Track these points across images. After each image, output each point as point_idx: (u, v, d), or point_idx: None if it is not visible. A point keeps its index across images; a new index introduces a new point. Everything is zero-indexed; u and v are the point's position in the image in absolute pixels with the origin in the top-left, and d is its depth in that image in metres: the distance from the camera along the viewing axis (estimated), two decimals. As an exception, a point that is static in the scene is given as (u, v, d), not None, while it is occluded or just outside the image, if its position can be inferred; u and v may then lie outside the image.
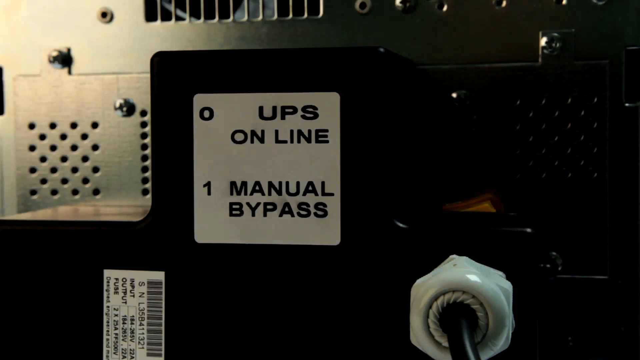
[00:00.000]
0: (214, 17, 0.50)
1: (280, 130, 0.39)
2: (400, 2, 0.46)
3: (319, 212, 0.38)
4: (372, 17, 0.47)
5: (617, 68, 0.43)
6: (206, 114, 0.39)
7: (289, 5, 0.48)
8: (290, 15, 0.48)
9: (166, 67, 0.40)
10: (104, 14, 0.52)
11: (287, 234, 0.39)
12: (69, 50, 0.52)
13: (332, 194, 0.38)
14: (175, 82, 0.40)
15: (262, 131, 0.39)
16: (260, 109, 0.39)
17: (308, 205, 0.38)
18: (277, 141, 0.39)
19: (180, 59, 0.40)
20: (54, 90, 0.52)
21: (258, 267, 0.39)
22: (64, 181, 0.52)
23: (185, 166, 0.40)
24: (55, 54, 0.52)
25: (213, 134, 0.39)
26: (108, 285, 0.41)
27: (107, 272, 0.41)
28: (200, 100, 0.39)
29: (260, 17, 0.49)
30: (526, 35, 0.44)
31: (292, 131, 0.38)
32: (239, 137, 0.39)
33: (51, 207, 0.52)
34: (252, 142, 0.39)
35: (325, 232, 0.38)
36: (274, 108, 0.39)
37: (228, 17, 0.50)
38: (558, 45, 0.43)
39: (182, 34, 0.50)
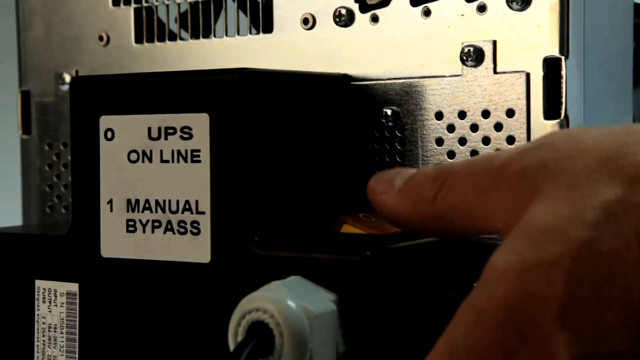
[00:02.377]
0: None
1: (165, 150, 0.38)
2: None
3: (194, 230, 0.38)
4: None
5: (537, 79, 0.41)
6: (109, 134, 0.40)
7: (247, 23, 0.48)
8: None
9: (78, 91, 0.41)
10: (100, 37, 0.54)
11: (169, 250, 0.38)
12: (77, 73, 0.55)
13: (203, 213, 0.38)
14: (86, 105, 0.41)
15: (151, 151, 0.39)
16: (149, 129, 0.39)
17: (185, 223, 0.38)
18: (162, 161, 0.38)
19: (89, 83, 0.41)
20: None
21: (147, 282, 0.39)
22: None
23: (95, 184, 0.41)
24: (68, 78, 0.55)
25: (114, 153, 0.40)
26: (38, 295, 0.43)
27: (37, 282, 0.43)
28: (105, 122, 0.40)
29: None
30: (449, 46, 0.42)
31: (173, 151, 0.39)
32: (133, 156, 0.39)
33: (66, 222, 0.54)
34: (143, 161, 0.39)
35: (198, 249, 0.38)
36: (159, 129, 0.39)
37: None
38: (477, 56, 0.41)
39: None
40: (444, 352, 0.29)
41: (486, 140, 0.42)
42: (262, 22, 0.47)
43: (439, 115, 0.42)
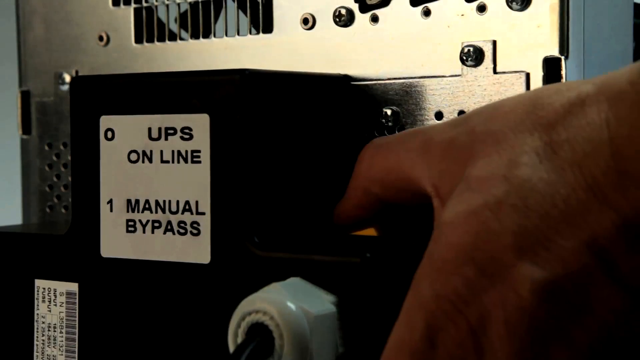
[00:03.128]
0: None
1: (165, 151, 0.38)
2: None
3: (194, 231, 0.38)
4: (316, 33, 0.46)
5: (537, 79, 0.40)
6: (109, 134, 0.40)
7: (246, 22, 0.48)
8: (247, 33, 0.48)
9: (78, 91, 0.41)
10: (100, 37, 0.54)
11: (169, 250, 0.38)
12: (77, 73, 0.55)
13: (203, 213, 0.38)
14: (86, 105, 0.41)
15: (151, 151, 0.39)
16: (149, 130, 0.39)
17: (185, 223, 0.38)
18: (162, 161, 0.38)
19: (89, 83, 0.41)
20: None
21: (147, 282, 0.39)
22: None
23: (95, 184, 0.41)
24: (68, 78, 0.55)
25: (114, 153, 0.40)
26: (38, 294, 0.43)
27: (37, 282, 0.43)
28: (105, 122, 0.40)
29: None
30: (449, 46, 0.42)
31: (173, 151, 0.38)
32: (133, 156, 0.39)
33: (66, 222, 0.54)
34: (143, 162, 0.39)
35: (198, 250, 0.38)
36: (160, 129, 0.39)
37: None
38: (477, 56, 0.41)
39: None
40: (415, 306, 0.30)
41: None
42: (262, 22, 0.47)
43: (439, 115, 0.42)
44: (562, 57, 0.40)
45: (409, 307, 0.31)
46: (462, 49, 0.41)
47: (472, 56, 0.41)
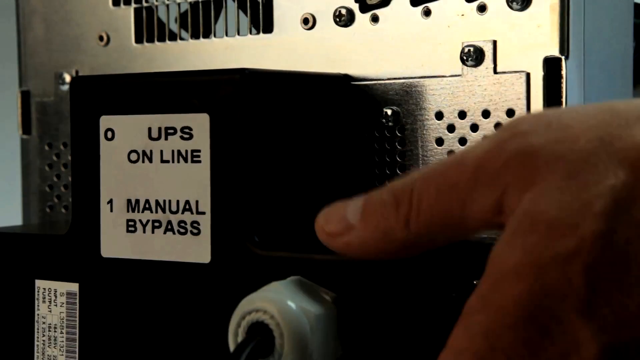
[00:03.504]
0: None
1: (165, 151, 0.38)
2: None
3: (194, 230, 0.38)
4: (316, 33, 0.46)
5: (537, 79, 0.40)
6: (109, 134, 0.40)
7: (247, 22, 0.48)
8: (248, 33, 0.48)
9: (78, 91, 0.41)
10: (100, 37, 0.54)
11: (169, 250, 0.38)
12: (77, 73, 0.55)
13: (204, 213, 0.38)
14: (86, 105, 0.41)
15: (151, 151, 0.39)
16: (149, 129, 0.39)
17: (186, 223, 0.38)
18: (162, 161, 0.38)
19: (89, 83, 0.41)
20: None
21: (147, 282, 0.39)
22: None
23: (95, 184, 0.41)
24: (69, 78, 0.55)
25: (115, 153, 0.40)
26: (38, 295, 0.43)
27: (37, 282, 0.43)
28: (105, 122, 0.40)
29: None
30: (449, 46, 0.42)
31: (173, 151, 0.38)
32: (133, 156, 0.39)
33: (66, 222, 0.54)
34: (143, 161, 0.39)
35: (198, 250, 0.38)
36: (160, 129, 0.39)
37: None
38: (477, 56, 0.41)
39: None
40: (466, 352, 0.28)
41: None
42: (262, 22, 0.47)
43: (439, 115, 0.42)
44: (562, 57, 0.40)
45: (459, 350, 0.29)
46: (462, 49, 0.41)
47: (473, 56, 0.41)
